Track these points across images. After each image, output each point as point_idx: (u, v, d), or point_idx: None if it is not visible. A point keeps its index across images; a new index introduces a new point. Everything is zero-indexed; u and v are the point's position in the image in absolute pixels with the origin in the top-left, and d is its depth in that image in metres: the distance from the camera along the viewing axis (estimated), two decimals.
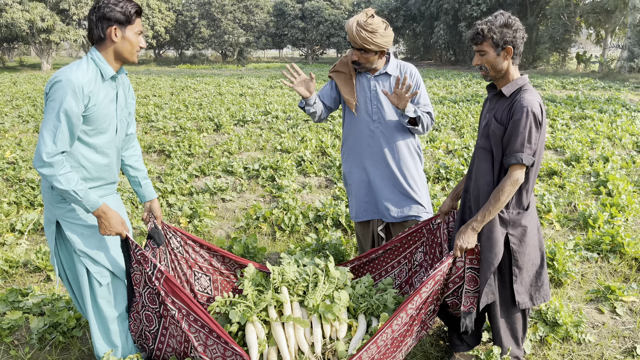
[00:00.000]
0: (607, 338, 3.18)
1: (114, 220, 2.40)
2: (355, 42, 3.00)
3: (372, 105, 3.20)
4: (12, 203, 5.54)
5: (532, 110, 2.35)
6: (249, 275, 2.84)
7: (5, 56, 42.33)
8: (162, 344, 2.70)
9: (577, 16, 30.22)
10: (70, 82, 2.19)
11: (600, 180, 6.03)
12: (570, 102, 13.41)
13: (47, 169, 2.20)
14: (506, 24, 2.39)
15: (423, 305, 2.65)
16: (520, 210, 2.57)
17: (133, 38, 2.34)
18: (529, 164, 2.40)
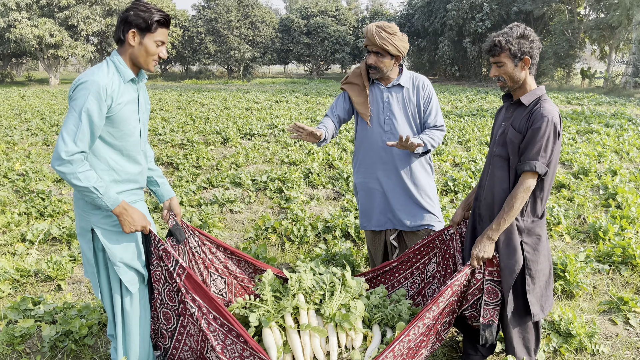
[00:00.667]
0: (620, 349, 3.15)
1: (136, 215, 2.40)
2: (375, 43, 3.02)
3: (384, 117, 3.22)
4: (22, 214, 5.57)
5: (553, 120, 2.39)
6: (267, 280, 2.84)
7: (14, 71, 42.83)
8: (179, 343, 2.69)
9: (581, 32, 30.38)
10: (93, 83, 2.22)
11: (609, 193, 6.02)
12: (576, 117, 13.43)
13: (66, 167, 2.19)
14: (523, 35, 2.45)
15: (439, 315, 2.64)
16: (535, 218, 2.58)
17: (151, 46, 2.35)
18: (542, 172, 2.42)
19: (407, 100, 3.21)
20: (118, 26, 2.34)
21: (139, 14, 2.29)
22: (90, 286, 4.05)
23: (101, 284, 2.58)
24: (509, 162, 2.56)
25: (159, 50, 2.39)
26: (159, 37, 2.36)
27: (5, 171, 7.32)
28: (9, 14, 32.70)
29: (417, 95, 3.21)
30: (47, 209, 5.63)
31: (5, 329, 3.18)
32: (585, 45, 32.56)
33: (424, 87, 3.23)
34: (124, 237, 2.49)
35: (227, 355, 2.44)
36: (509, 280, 2.55)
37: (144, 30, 2.32)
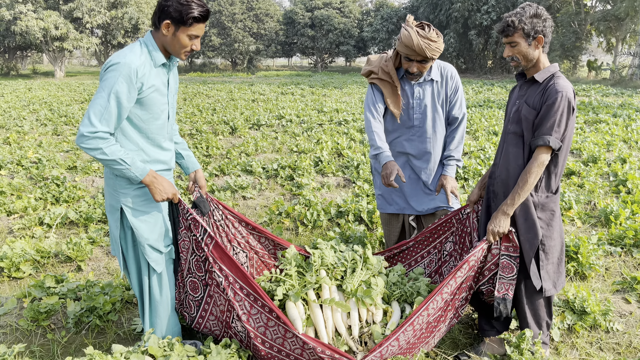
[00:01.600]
0: (634, 327, 3.20)
1: (166, 183, 2.44)
2: (423, 54, 2.94)
3: (413, 112, 3.23)
4: (38, 199, 5.64)
5: (567, 95, 2.42)
6: (290, 256, 2.90)
7: (19, 64, 42.91)
8: (205, 312, 2.76)
9: (587, 24, 30.21)
10: (125, 65, 2.23)
11: (620, 179, 6.05)
12: (584, 108, 13.42)
13: (91, 142, 2.20)
14: (536, 14, 2.46)
15: (457, 290, 2.70)
16: (549, 193, 2.62)
17: (184, 39, 2.34)
18: (555, 147, 2.44)
19: (436, 94, 3.22)
20: (156, 12, 2.33)
21: (177, 6, 2.26)
22: (109, 267, 4.12)
23: (128, 262, 2.64)
24: (523, 139, 2.59)
25: (191, 43, 2.37)
26: (193, 32, 2.34)
27: (19, 159, 7.40)
28: (15, 7, 32.74)
29: (445, 87, 3.22)
30: (63, 194, 5.70)
31: (30, 306, 3.25)
32: (592, 37, 32.40)
33: (452, 78, 3.24)
34: (151, 217, 2.55)
35: (253, 325, 2.50)
36: (530, 254, 2.60)
37: (178, 23, 2.29)
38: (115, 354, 2.50)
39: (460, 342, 3.11)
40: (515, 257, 2.65)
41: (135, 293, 2.73)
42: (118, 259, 2.67)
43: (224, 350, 2.59)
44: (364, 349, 2.67)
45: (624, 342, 3.06)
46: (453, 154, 3.26)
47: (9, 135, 9.45)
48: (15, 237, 4.71)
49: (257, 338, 2.54)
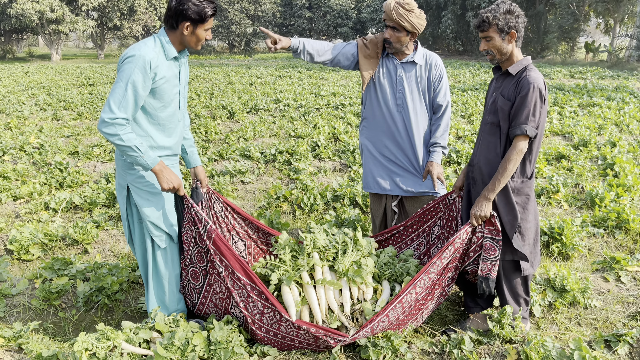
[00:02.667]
0: (612, 304, 3.41)
1: (173, 175, 2.65)
2: (392, 18, 3.15)
3: (397, 90, 3.39)
4: (43, 184, 5.81)
5: (538, 86, 2.60)
6: (283, 241, 3.08)
7: (15, 47, 42.64)
8: (205, 299, 2.96)
9: (585, 5, 30.10)
10: (140, 57, 2.46)
11: (607, 163, 6.22)
12: (579, 91, 13.53)
13: (110, 129, 2.44)
14: (509, 10, 2.64)
15: (444, 270, 2.89)
16: (524, 179, 2.81)
17: (201, 34, 2.61)
18: (532, 135, 2.63)
19: (419, 77, 3.37)
20: (171, 15, 2.55)
21: (193, 8, 2.51)
22: (115, 249, 4.31)
23: (134, 237, 2.85)
24: (500, 129, 2.77)
25: (206, 34, 2.64)
26: (208, 26, 2.61)
27: (21, 144, 7.54)
28: None
29: (428, 73, 3.37)
30: (66, 179, 5.86)
31: (41, 286, 3.45)
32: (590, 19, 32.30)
33: (436, 67, 3.39)
34: (154, 197, 2.75)
35: (250, 312, 2.71)
36: (511, 233, 2.79)
37: (197, 22, 2.56)
38: (125, 330, 2.70)
39: (448, 319, 3.32)
40: (498, 240, 2.83)
41: (140, 268, 2.93)
42: (125, 233, 2.89)
43: (226, 326, 2.78)
44: (355, 324, 2.87)
45: (601, 318, 3.26)
46: (439, 141, 3.42)
47: (10, 121, 9.57)
48: (23, 221, 4.88)
49: (254, 324, 2.75)
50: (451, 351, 2.79)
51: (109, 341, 2.57)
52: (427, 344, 2.89)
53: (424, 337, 3.00)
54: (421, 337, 3.01)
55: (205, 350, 2.65)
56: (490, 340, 2.86)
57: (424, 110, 3.42)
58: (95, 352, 2.53)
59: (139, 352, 2.62)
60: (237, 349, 2.67)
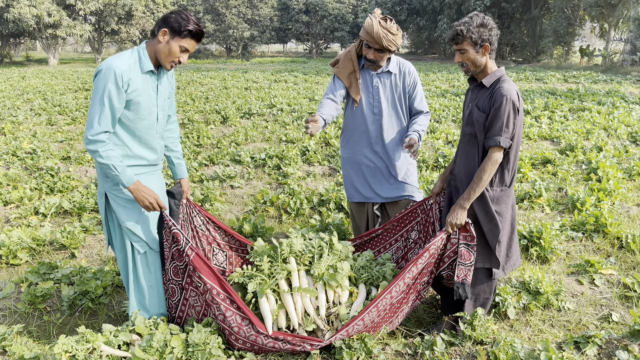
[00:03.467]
0: (585, 306, 3.48)
1: (147, 194, 2.72)
2: (380, 43, 3.23)
3: (373, 100, 3.50)
4: (33, 189, 5.88)
5: (511, 98, 2.65)
6: (259, 248, 3.15)
7: (12, 51, 42.72)
8: (182, 313, 3.03)
9: (580, 9, 30.31)
10: (110, 70, 2.52)
11: (592, 167, 6.32)
12: (570, 95, 13.65)
13: (92, 146, 2.55)
14: (482, 24, 2.69)
15: (419, 275, 2.96)
16: (503, 187, 2.86)
17: (174, 48, 2.61)
18: (506, 146, 2.68)
19: (394, 85, 3.48)
20: (157, 22, 2.64)
21: (177, 18, 2.58)
22: (102, 254, 4.38)
23: (115, 241, 2.93)
24: (477, 140, 2.82)
25: (180, 55, 2.66)
26: (184, 44, 2.62)
27: (14, 149, 7.61)
28: None
29: (403, 81, 3.48)
30: (57, 185, 5.93)
31: (27, 290, 3.51)
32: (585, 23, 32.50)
33: (409, 74, 3.49)
34: (130, 204, 2.82)
35: (227, 324, 2.79)
36: (494, 242, 2.87)
37: (175, 33, 2.60)
38: (105, 333, 2.77)
39: (425, 321, 3.40)
40: (472, 245, 2.89)
41: (121, 272, 3.00)
42: (106, 237, 2.96)
43: (204, 328, 2.85)
44: (331, 327, 2.94)
45: (574, 320, 3.34)
46: (415, 127, 3.45)
47: (4, 126, 9.64)
48: (12, 226, 4.95)
49: (232, 336, 2.83)
50: (423, 352, 2.86)
51: (88, 343, 2.64)
52: (400, 345, 2.97)
53: (398, 339, 3.07)
54: (396, 339, 3.09)
55: (183, 352, 2.72)
56: (462, 341, 2.94)
57: (400, 118, 3.52)
58: (75, 354, 2.60)
59: (117, 354, 2.69)
60: (214, 350, 2.74)
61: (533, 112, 10.99)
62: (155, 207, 2.77)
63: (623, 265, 4.04)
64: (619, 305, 3.48)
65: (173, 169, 3.18)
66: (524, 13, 35.23)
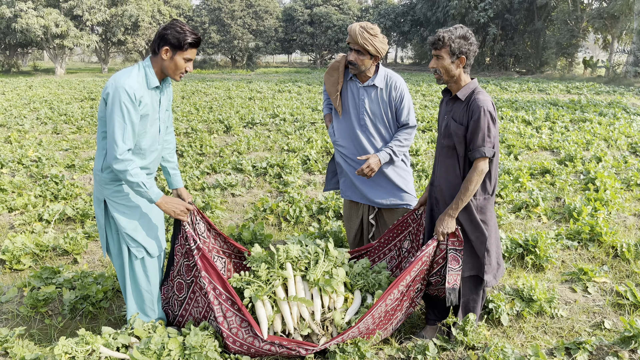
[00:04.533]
0: (578, 313, 3.53)
1: (176, 204, 2.86)
2: (356, 42, 3.32)
3: (359, 112, 3.56)
4: (37, 196, 5.97)
5: (488, 109, 2.72)
6: (256, 254, 3.22)
7: (20, 61, 43.22)
8: (185, 312, 3.10)
9: (584, 21, 30.45)
10: (122, 89, 2.60)
11: (590, 177, 6.36)
12: (572, 106, 13.71)
13: (121, 165, 2.62)
14: (464, 36, 2.76)
15: (412, 283, 3.02)
16: (486, 195, 2.92)
17: (180, 62, 2.72)
18: (490, 155, 2.75)
19: (380, 99, 3.52)
20: (155, 40, 2.72)
21: (174, 34, 2.65)
22: (103, 259, 4.46)
23: (111, 247, 3.00)
24: (456, 151, 2.88)
25: (186, 65, 2.76)
26: (188, 55, 2.72)
27: (20, 157, 7.73)
28: (15, 4, 33.04)
29: (389, 95, 3.51)
30: (61, 192, 6.03)
31: (29, 294, 3.59)
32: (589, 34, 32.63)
33: (396, 88, 3.52)
34: (130, 210, 2.90)
35: (226, 326, 2.86)
36: (482, 249, 2.92)
37: (176, 48, 2.68)
38: (104, 335, 2.84)
39: (419, 327, 3.44)
40: (460, 250, 2.96)
41: (119, 278, 3.07)
42: (102, 244, 3.02)
43: (201, 332, 2.92)
44: (325, 332, 3.00)
45: (566, 327, 3.38)
46: (391, 145, 3.52)
47: (10, 134, 9.78)
48: (16, 232, 5.04)
49: (229, 338, 2.90)
50: (416, 357, 2.91)
51: (87, 345, 2.71)
52: (394, 350, 3.02)
53: (392, 344, 3.12)
54: (389, 344, 3.14)
55: (180, 355, 2.78)
56: (454, 346, 2.99)
57: (386, 130, 3.57)
58: (74, 355, 2.67)
59: (116, 356, 2.75)
60: (210, 354, 2.80)
61: (534, 122, 11.05)
62: (185, 213, 2.90)
63: (617, 273, 4.08)
64: (611, 312, 3.52)
65: (169, 179, 3.24)
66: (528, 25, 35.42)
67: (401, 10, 44.26)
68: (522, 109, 13.57)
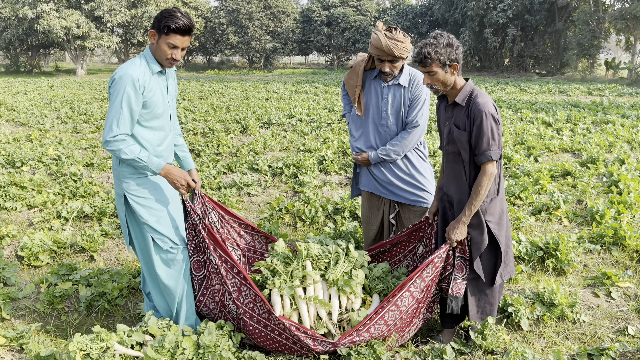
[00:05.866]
0: (600, 319, 3.43)
1: (178, 176, 2.85)
2: (392, 54, 3.24)
3: (381, 111, 3.52)
4: (57, 194, 6.03)
5: (489, 111, 2.67)
6: (279, 249, 3.19)
7: (42, 62, 43.98)
8: (206, 290, 3.10)
9: (606, 22, 29.92)
10: (128, 76, 2.64)
11: (612, 180, 6.21)
12: (594, 108, 13.46)
13: (112, 145, 2.65)
14: (449, 44, 2.67)
15: (426, 288, 2.94)
16: (493, 197, 2.86)
17: (164, 47, 2.69)
18: (497, 158, 2.70)
19: (403, 98, 3.47)
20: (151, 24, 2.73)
21: (160, 17, 2.66)
22: (119, 257, 4.47)
23: (135, 243, 3.01)
24: (461, 157, 2.83)
25: (171, 52, 2.71)
26: (171, 41, 2.68)
27: (40, 156, 7.83)
28: (37, 6, 33.62)
29: (410, 92, 3.46)
30: (79, 190, 6.08)
31: (46, 290, 3.61)
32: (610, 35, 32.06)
33: (417, 86, 3.45)
34: (149, 202, 2.90)
35: (242, 301, 2.84)
36: (475, 254, 2.86)
37: (159, 32, 2.68)
38: (119, 332, 2.83)
39: (436, 330, 3.38)
40: (466, 259, 2.91)
41: (144, 273, 3.09)
42: (125, 239, 3.04)
43: (216, 330, 2.89)
44: (341, 332, 2.96)
45: (589, 333, 3.28)
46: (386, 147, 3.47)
47: (31, 133, 9.92)
48: (35, 229, 5.09)
49: (246, 314, 2.87)
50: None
51: (102, 342, 2.70)
52: (410, 353, 2.96)
53: (408, 347, 3.06)
54: (405, 347, 3.08)
55: (194, 354, 2.76)
56: (472, 350, 2.92)
57: None
58: (89, 352, 2.67)
59: (130, 353, 2.74)
60: (224, 353, 2.78)
61: (555, 124, 10.86)
62: (186, 187, 2.90)
63: None
64: (635, 318, 3.42)
65: (180, 162, 3.27)
66: (548, 25, 34.93)
67: (419, 11, 44.01)
68: (542, 110, 13.36)
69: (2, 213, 5.50)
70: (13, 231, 4.82)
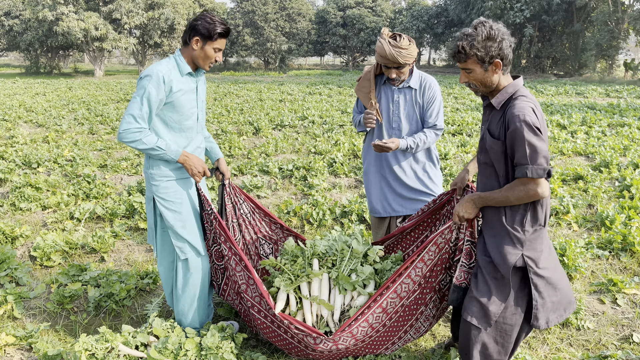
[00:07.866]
0: (605, 326, 3.40)
1: (196, 163, 2.91)
2: (396, 61, 3.27)
3: (393, 115, 3.54)
4: (70, 195, 6.16)
5: (524, 118, 2.18)
6: (289, 247, 3.23)
7: (61, 63, 44.73)
8: (229, 280, 3.16)
9: (625, 23, 29.47)
10: (154, 73, 2.74)
11: (625, 184, 6.14)
12: (611, 110, 13.29)
13: (130, 136, 2.72)
14: (489, 36, 2.23)
15: (430, 272, 2.74)
16: (537, 227, 2.36)
17: (209, 52, 2.82)
18: (535, 176, 2.19)
19: (414, 101, 3.51)
20: (186, 31, 2.83)
21: (204, 24, 2.75)
22: (129, 258, 4.55)
23: (160, 248, 3.09)
24: (495, 169, 2.40)
25: (216, 55, 2.86)
26: (217, 45, 2.82)
27: (55, 157, 7.99)
28: (57, 8, 34.24)
29: (423, 96, 3.50)
30: (93, 191, 6.20)
31: (56, 291, 3.70)
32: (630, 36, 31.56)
33: (430, 88, 3.50)
34: (175, 206, 2.96)
35: (250, 295, 2.89)
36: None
37: (206, 39, 2.78)
38: (124, 333, 2.89)
39: (441, 335, 3.38)
40: (474, 243, 2.63)
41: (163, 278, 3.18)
42: (152, 244, 3.13)
43: (219, 333, 2.94)
44: None
45: (593, 340, 3.26)
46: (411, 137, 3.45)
47: (48, 134, 10.12)
48: (48, 229, 5.20)
49: (254, 307, 2.91)
50: None
51: (107, 343, 2.77)
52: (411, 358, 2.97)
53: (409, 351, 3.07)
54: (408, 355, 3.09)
55: (197, 355, 2.81)
56: None
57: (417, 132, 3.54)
58: (94, 352, 2.73)
59: (134, 354, 2.80)
60: (226, 355, 2.83)
61: (569, 127, 10.75)
62: (201, 175, 2.95)
63: None
64: None
65: (209, 154, 3.33)
66: (566, 26, 34.52)
67: (434, 12, 43.81)
68: (558, 112, 13.22)
69: (17, 214, 5.63)
70: (27, 232, 4.93)
